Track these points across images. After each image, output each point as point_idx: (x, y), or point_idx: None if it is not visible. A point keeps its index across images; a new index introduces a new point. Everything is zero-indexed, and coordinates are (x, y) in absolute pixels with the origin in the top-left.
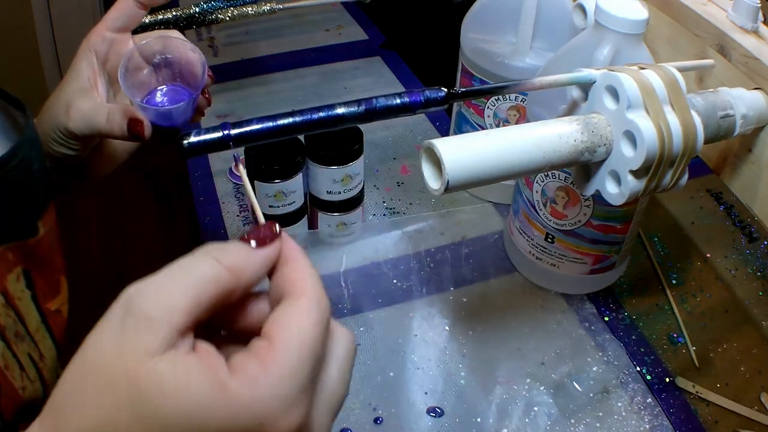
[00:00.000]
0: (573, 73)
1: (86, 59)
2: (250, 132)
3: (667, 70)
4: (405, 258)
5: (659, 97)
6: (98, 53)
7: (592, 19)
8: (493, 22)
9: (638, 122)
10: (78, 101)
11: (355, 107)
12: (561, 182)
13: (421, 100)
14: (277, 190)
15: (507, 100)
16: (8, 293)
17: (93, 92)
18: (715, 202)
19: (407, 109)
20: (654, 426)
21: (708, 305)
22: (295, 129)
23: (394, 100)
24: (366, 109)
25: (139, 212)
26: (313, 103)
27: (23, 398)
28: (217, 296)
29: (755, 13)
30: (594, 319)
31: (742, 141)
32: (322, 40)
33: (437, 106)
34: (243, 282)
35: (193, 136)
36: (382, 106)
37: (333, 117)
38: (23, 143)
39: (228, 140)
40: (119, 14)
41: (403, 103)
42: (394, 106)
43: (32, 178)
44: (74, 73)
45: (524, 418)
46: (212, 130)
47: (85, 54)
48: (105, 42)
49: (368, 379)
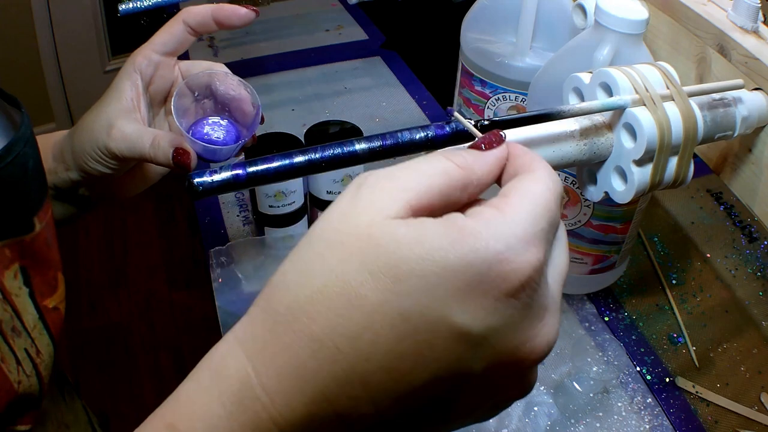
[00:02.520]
0: (606, 100)
1: (130, 80)
2: (266, 171)
3: (660, 65)
4: None
5: (655, 87)
6: (143, 75)
7: (592, 19)
8: (493, 22)
9: (635, 112)
10: (120, 122)
11: (377, 142)
12: (561, 182)
13: (448, 133)
14: (277, 190)
15: (507, 100)
16: (5, 290)
17: (136, 114)
18: (715, 202)
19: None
20: (654, 426)
21: (708, 305)
22: (316, 167)
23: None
24: (389, 145)
25: (139, 212)
26: (313, 103)
27: (17, 392)
28: (449, 187)
29: (755, 13)
30: (594, 319)
31: (742, 141)
32: (322, 40)
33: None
34: (475, 178)
35: (205, 176)
36: (406, 140)
37: (350, 153)
38: (18, 140)
39: (242, 180)
40: (169, 38)
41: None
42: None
43: (27, 175)
44: (116, 93)
45: (524, 418)
46: (223, 170)
47: (129, 74)
48: (151, 64)
49: None
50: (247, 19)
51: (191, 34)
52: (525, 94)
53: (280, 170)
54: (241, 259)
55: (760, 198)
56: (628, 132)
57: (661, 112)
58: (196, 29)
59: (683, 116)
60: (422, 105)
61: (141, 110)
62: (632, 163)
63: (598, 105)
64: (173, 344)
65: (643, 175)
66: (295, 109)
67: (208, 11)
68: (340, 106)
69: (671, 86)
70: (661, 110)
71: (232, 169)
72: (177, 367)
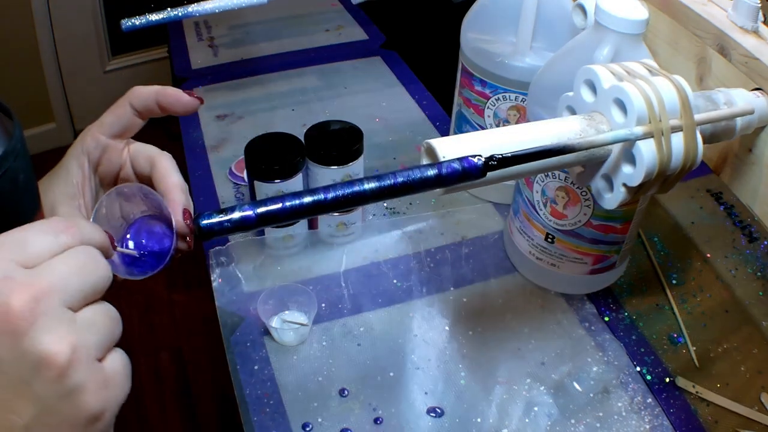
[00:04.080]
0: (616, 132)
1: (78, 161)
2: (274, 212)
3: (678, 83)
4: (405, 258)
5: (668, 113)
6: (91, 157)
7: (592, 19)
8: (493, 22)
9: (640, 145)
10: (62, 209)
11: (388, 181)
12: (561, 182)
13: (459, 170)
14: (277, 190)
15: (507, 100)
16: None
17: (80, 200)
18: (715, 202)
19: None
20: (654, 426)
21: (708, 305)
22: (325, 207)
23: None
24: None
25: None
26: (313, 103)
27: None
28: None
29: (755, 13)
30: (594, 319)
31: (742, 141)
32: (322, 40)
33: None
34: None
35: (210, 217)
36: (416, 179)
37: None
38: (7, 155)
39: (251, 222)
40: (116, 121)
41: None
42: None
43: (18, 189)
44: (64, 173)
45: (524, 418)
46: (230, 211)
47: (77, 155)
48: (99, 147)
49: (368, 379)
50: (190, 107)
51: (138, 117)
52: (525, 94)
53: (290, 210)
54: (241, 259)
55: (760, 198)
56: (628, 159)
57: (666, 147)
58: (141, 113)
59: (686, 148)
60: (422, 105)
61: (85, 196)
62: (622, 185)
63: (609, 137)
64: (173, 345)
65: (628, 194)
66: (295, 109)
67: (153, 94)
68: (340, 106)
69: (683, 115)
70: (668, 144)
71: (241, 210)
72: (177, 368)
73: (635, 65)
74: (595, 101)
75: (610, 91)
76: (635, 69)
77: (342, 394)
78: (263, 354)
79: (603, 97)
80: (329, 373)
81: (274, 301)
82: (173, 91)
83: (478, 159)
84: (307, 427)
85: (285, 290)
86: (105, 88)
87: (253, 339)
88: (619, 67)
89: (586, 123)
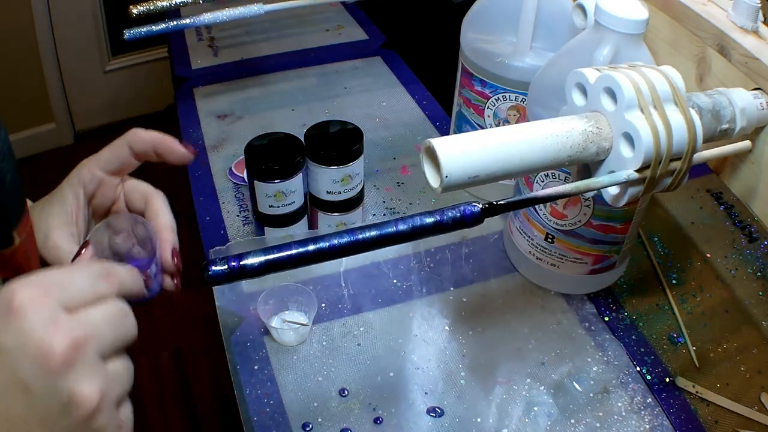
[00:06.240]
0: (610, 176)
1: (73, 191)
2: (270, 261)
3: (666, 71)
4: (405, 258)
5: (660, 96)
6: (86, 189)
7: (592, 19)
8: (493, 22)
9: (636, 123)
10: (57, 233)
11: (392, 227)
12: (561, 182)
13: (459, 216)
14: (277, 190)
15: (507, 100)
16: None
17: (73, 228)
18: (715, 202)
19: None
20: (654, 426)
21: (708, 305)
22: (326, 255)
23: (426, 219)
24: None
25: None
26: (313, 103)
27: None
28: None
29: (755, 13)
30: (594, 319)
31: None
32: (322, 40)
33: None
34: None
35: (218, 265)
36: (418, 225)
37: (360, 242)
38: None
39: (249, 270)
40: (113, 158)
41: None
42: (427, 225)
43: (4, 190)
44: (60, 200)
45: (524, 418)
46: (233, 259)
47: (73, 185)
48: (94, 180)
49: (368, 379)
50: (184, 159)
51: (134, 158)
52: (525, 94)
53: (296, 258)
54: None
55: (760, 198)
56: (627, 141)
57: (663, 119)
58: (138, 155)
59: (687, 124)
60: (422, 105)
61: (78, 224)
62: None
63: (608, 180)
64: (173, 344)
65: (637, 185)
66: (295, 109)
67: (151, 141)
68: (340, 106)
69: (674, 95)
70: (663, 116)
71: (237, 260)
72: (177, 367)
73: (622, 65)
74: (587, 102)
75: (598, 83)
76: (621, 66)
77: (342, 394)
78: (263, 354)
79: (593, 94)
80: (329, 373)
81: (274, 301)
82: (170, 142)
83: (473, 205)
84: (307, 427)
85: (285, 290)
86: (105, 88)
87: (253, 339)
88: (605, 66)
89: (586, 122)
